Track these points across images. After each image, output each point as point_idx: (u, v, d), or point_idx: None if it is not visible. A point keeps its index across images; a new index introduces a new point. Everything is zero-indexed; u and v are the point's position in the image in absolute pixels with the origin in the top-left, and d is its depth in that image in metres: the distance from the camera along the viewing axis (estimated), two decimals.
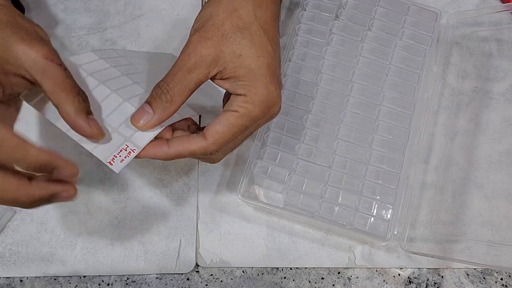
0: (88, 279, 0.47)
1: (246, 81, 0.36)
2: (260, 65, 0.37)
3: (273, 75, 0.37)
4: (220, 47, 0.36)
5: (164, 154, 0.36)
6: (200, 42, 0.36)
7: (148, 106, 0.36)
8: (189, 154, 0.37)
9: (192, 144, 0.36)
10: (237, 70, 0.36)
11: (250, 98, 0.36)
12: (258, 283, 0.47)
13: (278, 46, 0.40)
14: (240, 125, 0.36)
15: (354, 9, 0.51)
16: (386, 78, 0.49)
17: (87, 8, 0.55)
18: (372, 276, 0.48)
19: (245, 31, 0.37)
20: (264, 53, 0.37)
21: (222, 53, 0.36)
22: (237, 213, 0.49)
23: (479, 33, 0.55)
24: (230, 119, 0.36)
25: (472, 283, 0.48)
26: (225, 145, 0.37)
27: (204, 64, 0.36)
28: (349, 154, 0.47)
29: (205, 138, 0.36)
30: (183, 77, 0.36)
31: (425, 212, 0.49)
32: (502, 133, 0.52)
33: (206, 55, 0.36)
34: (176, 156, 0.37)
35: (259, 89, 0.36)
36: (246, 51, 0.36)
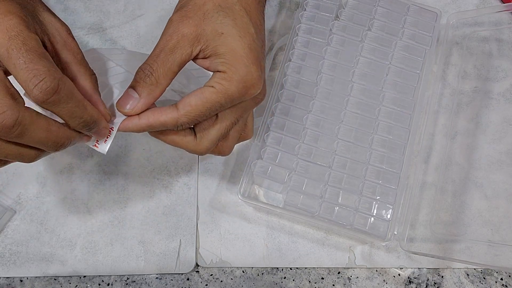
0: (88, 279, 0.47)
1: (227, 59, 0.36)
2: (242, 45, 0.36)
3: (255, 56, 0.37)
4: (201, 26, 0.36)
5: (134, 126, 0.36)
6: (182, 21, 0.36)
7: (133, 91, 0.35)
8: (160, 124, 0.36)
9: (163, 115, 0.36)
10: (218, 48, 0.36)
11: (228, 75, 0.35)
12: (258, 283, 0.47)
13: (261, 29, 0.39)
14: (214, 101, 0.36)
15: (354, 9, 0.52)
16: (386, 78, 0.49)
17: (87, 8, 0.55)
18: (372, 276, 0.48)
19: (228, 10, 0.36)
20: (246, 34, 0.37)
21: (204, 32, 0.36)
22: (237, 213, 0.49)
23: (479, 33, 0.55)
24: (205, 93, 0.35)
25: (472, 283, 0.48)
26: (197, 119, 0.36)
27: (187, 43, 0.36)
28: (349, 154, 0.47)
29: (177, 109, 0.36)
30: (166, 58, 0.35)
31: (425, 212, 0.49)
32: (502, 133, 0.52)
33: (188, 34, 0.35)
34: (147, 127, 0.36)
35: (239, 67, 0.36)
36: (228, 30, 0.36)
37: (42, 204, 0.48)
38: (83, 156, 0.50)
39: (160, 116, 0.36)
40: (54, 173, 0.49)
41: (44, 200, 0.48)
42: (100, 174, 0.49)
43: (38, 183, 0.49)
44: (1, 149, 0.32)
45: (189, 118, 0.36)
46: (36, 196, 0.49)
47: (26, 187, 0.49)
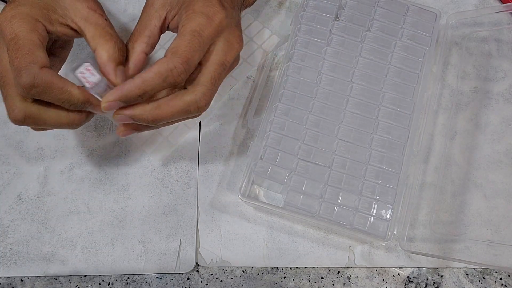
0: (89, 279, 0.47)
1: (188, 2, 0.39)
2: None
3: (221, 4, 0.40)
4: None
5: (130, 86, 0.36)
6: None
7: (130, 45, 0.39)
8: (155, 75, 0.36)
9: (155, 66, 0.36)
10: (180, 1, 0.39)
11: (191, 10, 0.38)
12: (258, 282, 0.47)
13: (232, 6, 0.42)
14: (190, 31, 0.37)
15: (353, 10, 0.52)
16: (386, 79, 0.50)
17: None
18: (372, 275, 0.48)
19: None
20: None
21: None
22: (237, 213, 0.49)
23: (478, 33, 0.55)
24: (179, 32, 0.38)
25: (472, 283, 0.48)
26: (187, 56, 0.37)
27: (154, 9, 0.39)
28: (349, 154, 0.47)
29: (165, 56, 0.37)
30: (138, 27, 0.40)
31: (425, 212, 0.49)
32: (502, 133, 0.52)
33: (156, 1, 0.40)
34: (143, 84, 0.36)
35: (196, 4, 0.39)
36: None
37: (42, 204, 0.48)
38: (83, 156, 0.50)
39: (151, 68, 0.37)
40: (55, 173, 0.49)
41: (45, 200, 0.49)
42: (101, 174, 0.49)
43: (39, 183, 0.49)
44: (42, 114, 0.37)
45: (178, 56, 0.37)
46: (37, 196, 0.49)
47: (27, 187, 0.49)
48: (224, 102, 0.52)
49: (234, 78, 0.53)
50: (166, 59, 0.36)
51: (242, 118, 0.52)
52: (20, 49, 0.35)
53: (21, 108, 0.36)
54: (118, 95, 0.36)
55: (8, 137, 0.50)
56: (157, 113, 0.38)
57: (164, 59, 0.37)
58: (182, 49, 0.37)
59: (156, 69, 0.36)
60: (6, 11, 0.37)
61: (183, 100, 0.38)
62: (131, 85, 0.36)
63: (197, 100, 0.38)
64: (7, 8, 0.37)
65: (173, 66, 0.36)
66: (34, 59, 0.35)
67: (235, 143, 0.51)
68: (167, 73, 0.36)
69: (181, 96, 0.38)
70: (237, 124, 0.51)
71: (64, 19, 0.39)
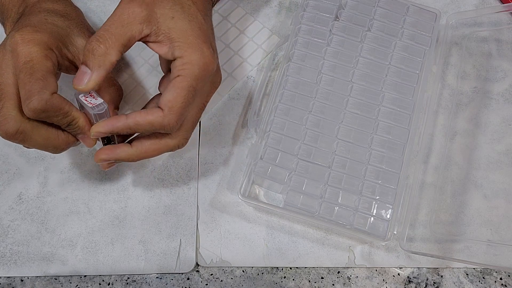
0: (89, 279, 0.47)
1: (181, 42, 0.37)
2: (193, 27, 0.38)
3: (206, 36, 0.39)
4: (152, 8, 0.37)
5: (122, 125, 0.37)
6: (132, 2, 0.37)
7: (84, 66, 0.36)
8: (147, 124, 0.37)
9: (149, 115, 0.37)
10: (171, 32, 0.37)
11: (186, 59, 0.37)
12: (258, 282, 0.47)
13: (208, 18, 0.41)
14: (188, 87, 0.37)
15: (353, 10, 0.52)
16: (386, 79, 0.50)
17: (87, 9, 0.55)
18: (372, 275, 0.48)
19: (176, 0, 0.39)
20: (194, 18, 0.39)
21: (154, 14, 0.37)
22: (237, 213, 0.49)
23: (478, 33, 0.55)
24: (176, 84, 0.37)
25: (472, 283, 0.48)
26: (182, 113, 0.38)
27: (137, 20, 0.37)
28: (349, 154, 0.47)
29: (160, 109, 0.37)
30: (115, 30, 0.37)
31: (425, 212, 0.49)
32: (502, 133, 0.52)
33: (139, 12, 0.37)
34: (135, 126, 0.38)
35: (194, 50, 0.37)
36: (178, 14, 0.38)
37: (43, 204, 0.48)
38: (83, 156, 0.50)
39: (146, 116, 0.37)
40: (55, 173, 0.49)
41: (45, 200, 0.49)
42: (101, 174, 0.49)
43: (39, 183, 0.49)
44: (34, 132, 0.38)
45: (174, 113, 0.37)
46: (37, 196, 0.49)
47: (27, 187, 0.49)
48: (224, 102, 0.52)
49: (234, 78, 0.53)
50: (163, 116, 0.37)
51: (242, 118, 0.52)
52: (34, 74, 0.36)
53: (16, 123, 0.37)
54: (109, 129, 0.38)
55: None
56: (141, 157, 0.40)
57: (160, 114, 0.37)
58: (178, 105, 0.37)
59: (151, 119, 0.37)
60: (24, 34, 0.37)
61: (167, 145, 0.41)
62: (123, 124, 0.38)
63: (180, 144, 0.41)
64: (25, 30, 0.38)
65: (167, 122, 0.38)
66: (46, 85, 0.36)
67: (235, 143, 0.51)
68: (160, 126, 0.38)
69: (165, 142, 0.40)
70: (237, 124, 0.51)
71: (72, 57, 0.41)
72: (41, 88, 0.36)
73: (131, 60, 0.53)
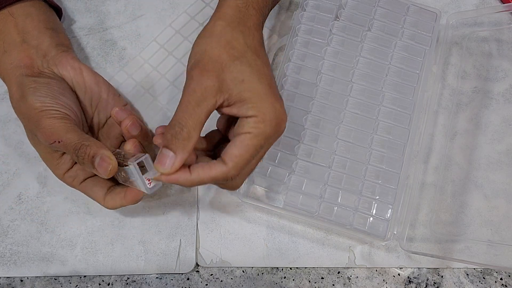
0: (89, 279, 0.47)
1: (254, 102, 0.37)
2: (263, 86, 0.38)
3: (276, 93, 0.39)
4: (222, 76, 0.37)
5: (185, 180, 0.38)
6: (202, 75, 0.37)
7: (167, 150, 0.37)
8: (210, 179, 0.38)
9: (213, 170, 0.37)
10: (242, 94, 0.37)
11: (260, 118, 0.37)
12: (258, 283, 0.47)
13: (269, 66, 0.42)
14: (256, 145, 0.37)
15: (353, 10, 0.52)
16: (386, 79, 0.50)
17: (87, 9, 0.55)
18: (372, 275, 0.48)
19: (242, 59, 0.38)
20: (263, 75, 0.39)
21: (225, 81, 0.37)
22: (237, 213, 0.49)
23: (478, 33, 0.55)
24: (245, 141, 0.37)
25: (472, 283, 0.48)
26: (244, 168, 0.38)
27: (210, 95, 0.37)
28: (348, 154, 0.47)
29: (224, 163, 0.37)
30: (193, 111, 0.37)
31: (425, 212, 0.49)
32: (502, 133, 0.52)
33: (211, 86, 0.37)
34: (198, 182, 0.38)
35: (268, 108, 0.37)
36: (247, 76, 0.38)
37: (42, 204, 0.48)
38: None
39: (210, 172, 0.37)
40: None
41: (45, 200, 0.48)
42: None
43: (39, 183, 0.49)
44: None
45: (237, 169, 0.38)
46: (37, 196, 0.49)
47: (27, 187, 0.49)
48: None
49: None
50: (227, 171, 0.37)
51: None
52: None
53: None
54: (173, 180, 0.37)
55: (7, 137, 0.50)
56: (195, 184, 0.39)
57: (224, 170, 0.37)
58: (244, 162, 0.38)
59: (214, 175, 0.37)
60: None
61: (225, 186, 0.41)
62: (186, 179, 0.37)
63: (235, 186, 0.41)
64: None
65: (230, 176, 0.38)
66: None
67: None
68: (223, 180, 0.38)
69: (223, 184, 0.40)
70: None
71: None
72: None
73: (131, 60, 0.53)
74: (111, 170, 0.38)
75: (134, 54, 0.53)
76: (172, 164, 0.36)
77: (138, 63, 0.53)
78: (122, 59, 0.53)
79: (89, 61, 0.53)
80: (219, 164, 0.37)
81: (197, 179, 0.37)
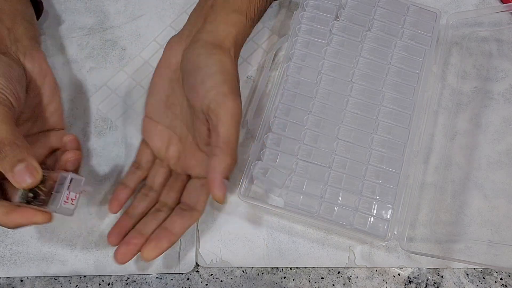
0: (89, 279, 0.47)
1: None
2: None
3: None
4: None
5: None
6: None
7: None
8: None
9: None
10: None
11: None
12: (258, 283, 0.47)
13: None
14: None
15: (353, 10, 0.52)
16: (386, 79, 0.50)
17: (87, 9, 0.55)
18: (372, 275, 0.48)
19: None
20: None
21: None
22: (237, 213, 0.49)
23: (479, 33, 0.55)
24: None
25: (472, 283, 0.48)
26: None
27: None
28: (349, 154, 0.47)
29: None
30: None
31: (425, 212, 0.49)
32: (502, 133, 0.52)
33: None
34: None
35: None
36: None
37: None
38: (83, 156, 0.50)
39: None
40: None
41: None
42: (100, 173, 0.49)
43: None
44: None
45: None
46: None
47: None
48: None
49: None
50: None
51: (242, 118, 0.51)
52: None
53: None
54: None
55: None
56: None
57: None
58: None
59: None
60: None
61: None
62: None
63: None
64: None
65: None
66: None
67: None
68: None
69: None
70: None
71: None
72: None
73: (131, 60, 0.53)
74: (31, 183, 0.36)
75: (134, 54, 0.53)
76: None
77: (138, 63, 0.53)
78: (122, 59, 0.53)
79: (89, 61, 0.53)
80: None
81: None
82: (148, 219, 0.44)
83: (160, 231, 0.42)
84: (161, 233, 0.42)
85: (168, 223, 0.43)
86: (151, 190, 0.46)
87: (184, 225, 0.43)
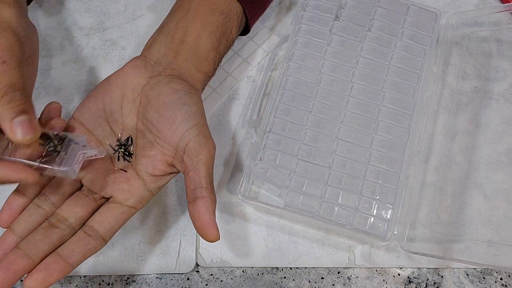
0: (88, 279, 0.47)
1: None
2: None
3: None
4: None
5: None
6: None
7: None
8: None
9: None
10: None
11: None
12: (258, 283, 0.47)
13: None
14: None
15: (353, 10, 0.52)
16: (386, 79, 0.50)
17: (87, 9, 0.55)
18: (372, 275, 0.48)
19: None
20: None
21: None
22: (237, 213, 0.49)
23: (479, 33, 0.55)
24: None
25: (472, 283, 0.48)
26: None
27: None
28: (349, 154, 0.47)
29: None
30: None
31: (425, 212, 0.49)
32: (502, 133, 0.52)
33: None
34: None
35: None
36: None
37: None
38: None
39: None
40: None
41: None
42: None
43: None
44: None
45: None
46: None
47: None
48: (224, 102, 0.52)
49: (234, 78, 0.53)
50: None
51: (242, 118, 0.52)
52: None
53: None
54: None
55: None
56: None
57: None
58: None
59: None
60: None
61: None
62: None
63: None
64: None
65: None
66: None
67: (235, 143, 0.51)
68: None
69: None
70: (237, 124, 0.51)
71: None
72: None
73: None
74: (30, 139, 0.33)
75: (134, 54, 0.53)
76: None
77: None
78: (122, 59, 0.53)
79: (89, 61, 0.53)
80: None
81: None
82: (38, 237, 0.36)
83: (52, 259, 0.35)
84: (54, 261, 0.35)
85: (65, 248, 0.36)
86: (47, 201, 0.38)
87: (85, 255, 0.36)
